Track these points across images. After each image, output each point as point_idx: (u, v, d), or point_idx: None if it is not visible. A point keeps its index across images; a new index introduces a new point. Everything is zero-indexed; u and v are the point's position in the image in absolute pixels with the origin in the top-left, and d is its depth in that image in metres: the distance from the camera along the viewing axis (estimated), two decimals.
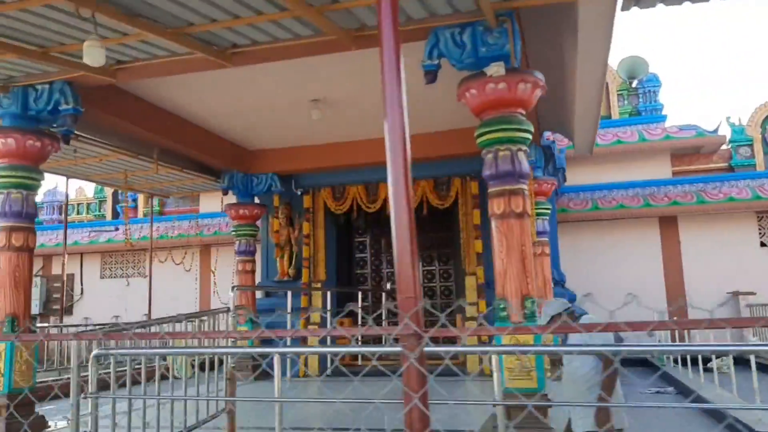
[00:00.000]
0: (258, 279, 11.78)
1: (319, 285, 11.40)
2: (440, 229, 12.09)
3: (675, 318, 9.00)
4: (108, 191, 17.04)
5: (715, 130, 12.81)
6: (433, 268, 12.16)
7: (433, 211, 11.30)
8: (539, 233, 9.89)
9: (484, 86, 5.11)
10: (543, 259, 9.81)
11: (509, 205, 5.07)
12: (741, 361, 8.08)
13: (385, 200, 11.19)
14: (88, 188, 17.58)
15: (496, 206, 5.13)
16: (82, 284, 16.15)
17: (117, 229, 15.56)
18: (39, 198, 16.58)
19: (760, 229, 12.24)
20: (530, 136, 5.22)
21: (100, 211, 17.32)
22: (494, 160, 5.15)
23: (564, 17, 5.40)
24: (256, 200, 11.45)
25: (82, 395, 3.51)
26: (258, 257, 11.43)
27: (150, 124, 8.47)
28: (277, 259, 11.86)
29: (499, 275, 5.10)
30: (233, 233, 11.31)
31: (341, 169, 11.14)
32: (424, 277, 12.22)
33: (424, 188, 11.03)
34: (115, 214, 16.70)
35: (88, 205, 17.40)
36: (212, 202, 14.89)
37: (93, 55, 4.73)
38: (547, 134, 10.74)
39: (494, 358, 5.04)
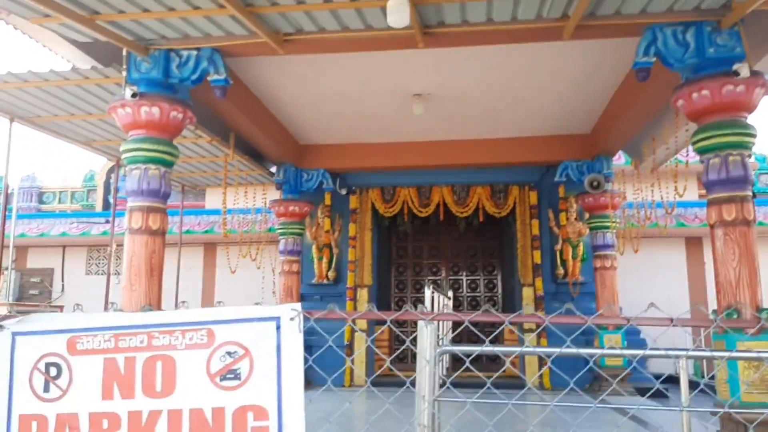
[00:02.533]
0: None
1: (365, 290, 10.90)
2: (486, 238, 11.89)
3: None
4: (99, 180, 15.64)
5: None
6: (478, 277, 11.93)
7: (473, 219, 11.15)
8: (607, 246, 9.88)
9: (720, 88, 4.97)
10: (612, 273, 9.79)
11: (741, 212, 4.94)
12: None
13: (438, 205, 10.91)
14: (75, 176, 16.07)
15: (725, 213, 4.98)
16: (63, 280, 14.66)
17: (107, 222, 14.26)
18: (13, 183, 15.02)
19: None
20: (755, 142, 5.13)
21: (87, 200, 15.85)
22: (723, 164, 5.01)
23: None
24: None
25: None
26: None
27: (241, 104, 7.78)
28: (315, 260, 11.24)
29: (729, 284, 4.94)
30: (279, 231, 10.62)
31: (393, 170, 10.76)
32: (468, 287, 11.95)
33: (480, 195, 10.82)
34: (106, 205, 15.32)
35: (73, 194, 15.89)
36: (218, 198, 13.95)
37: (399, 14, 4.18)
38: None
39: (723, 370, 4.87)
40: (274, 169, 10.45)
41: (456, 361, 10.65)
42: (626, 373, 9.34)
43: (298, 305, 2.12)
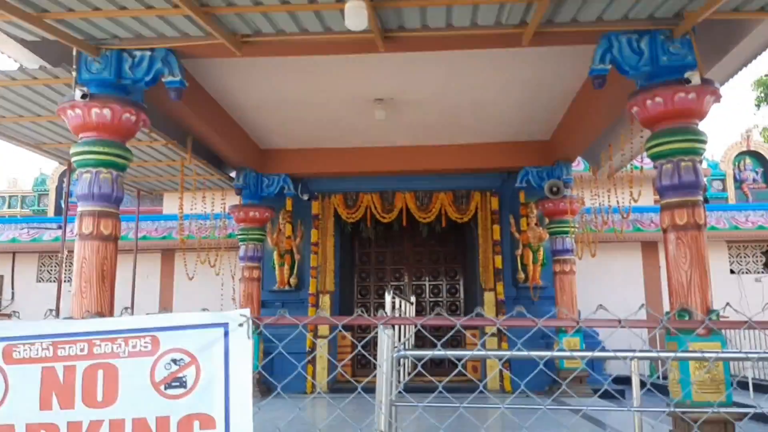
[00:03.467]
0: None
1: (327, 296, 10.81)
2: (449, 243, 11.92)
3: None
4: (51, 184, 15.13)
5: None
6: (440, 282, 11.94)
7: (436, 225, 11.17)
8: (566, 251, 10.01)
9: (673, 95, 5.08)
10: (571, 278, 9.92)
11: (692, 217, 5.04)
12: None
13: (401, 211, 10.90)
14: (24, 180, 15.54)
15: (677, 217, 5.08)
16: (13, 287, 14.13)
17: (60, 227, 13.81)
18: None
19: (729, 257, 13.32)
20: (706, 148, 5.26)
21: (39, 205, 15.33)
22: (675, 170, 5.12)
23: (723, 34, 5.53)
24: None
25: None
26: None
27: (198, 108, 7.63)
28: (276, 267, 11.10)
29: (681, 287, 5.04)
30: (239, 237, 10.45)
31: (356, 176, 10.72)
32: (430, 292, 11.95)
33: (443, 201, 10.85)
34: (58, 210, 14.83)
35: (23, 198, 15.34)
36: (176, 203, 13.66)
37: (357, 17, 4.12)
38: None
39: (675, 370, 4.96)
40: (234, 174, 10.28)
41: (415, 366, 10.62)
42: (584, 374, 9.48)
43: (246, 311, 2.05)
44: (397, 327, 8.64)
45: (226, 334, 2.00)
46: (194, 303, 11.81)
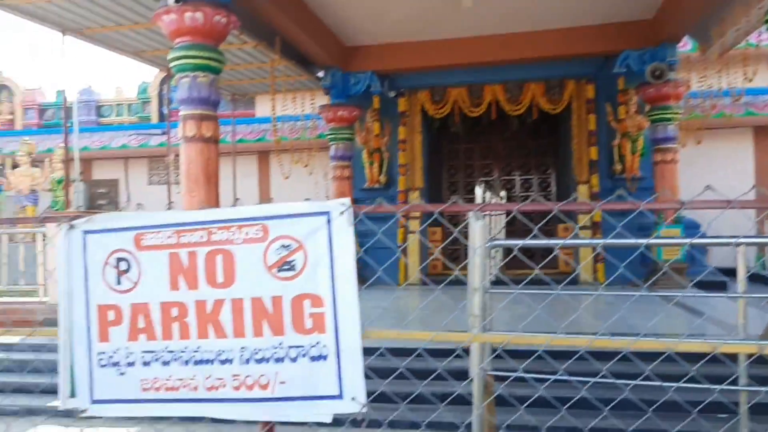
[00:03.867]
0: None
1: (416, 193, 10.96)
2: (540, 136, 11.61)
3: None
4: (152, 91, 15.87)
5: None
6: (531, 177, 11.77)
7: (527, 117, 10.82)
8: (668, 139, 9.48)
9: None
10: (673, 167, 9.46)
11: None
12: None
13: (490, 104, 10.63)
14: (129, 88, 16.36)
15: None
16: (128, 190, 15.31)
17: (164, 133, 14.59)
18: (71, 97, 15.42)
19: None
20: None
21: (144, 112, 16.19)
22: None
23: None
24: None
25: None
26: None
27: (284, 5, 7.60)
28: (366, 165, 11.28)
29: None
30: (329, 136, 10.65)
31: (443, 70, 10.45)
32: (521, 187, 11.83)
33: (534, 91, 10.45)
34: (161, 116, 15.63)
35: (129, 106, 16.24)
36: (268, 106, 13.97)
37: None
38: None
39: None
40: (321, 74, 10.33)
41: (510, 260, 10.74)
42: (683, 266, 9.25)
43: (347, 200, 2.17)
44: (490, 220, 8.70)
45: (329, 221, 2.13)
46: (290, 201, 12.33)
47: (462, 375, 3.29)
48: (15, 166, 12.42)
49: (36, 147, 13.04)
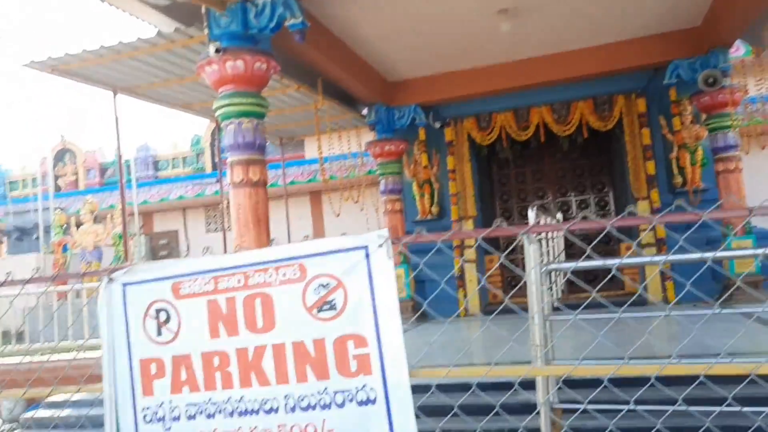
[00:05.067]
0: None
1: (470, 221, 10.80)
2: (592, 155, 11.31)
3: None
4: (205, 142, 16.43)
5: None
6: (587, 196, 11.44)
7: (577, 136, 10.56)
8: (729, 147, 9.05)
9: None
10: (737, 176, 9.00)
11: None
12: None
13: (537, 126, 10.45)
14: (183, 141, 16.99)
15: None
16: (187, 239, 15.73)
17: (218, 181, 14.99)
18: (129, 154, 16.10)
19: None
20: None
21: (198, 163, 16.76)
22: None
23: None
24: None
25: None
26: None
27: (324, 47, 7.73)
28: (417, 197, 11.22)
29: None
30: (378, 171, 10.67)
31: (486, 96, 10.36)
32: (578, 208, 11.51)
33: (582, 110, 10.21)
34: (215, 165, 16.12)
35: (184, 158, 16.85)
36: (315, 146, 14.18)
37: None
38: None
39: None
40: (365, 112, 10.42)
41: (571, 284, 10.39)
42: (759, 279, 8.70)
43: (385, 231, 2.08)
44: (544, 245, 8.46)
45: (367, 255, 2.05)
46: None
47: (523, 409, 3.11)
48: (79, 224, 12.95)
49: (98, 205, 13.61)
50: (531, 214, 5.40)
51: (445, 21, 7.82)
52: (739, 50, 11.19)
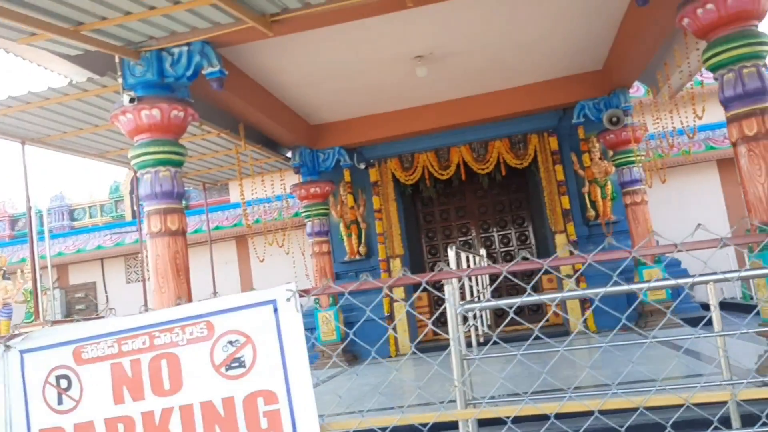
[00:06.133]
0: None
1: (397, 260, 10.91)
2: (512, 191, 11.73)
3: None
4: (124, 190, 15.90)
5: None
6: (509, 231, 11.80)
7: (495, 174, 10.96)
8: (635, 181, 9.62)
9: None
10: (644, 208, 9.55)
11: (763, 125, 4.72)
12: None
13: (458, 165, 10.78)
14: (101, 189, 16.39)
15: (746, 128, 4.77)
16: (106, 291, 15.05)
17: (137, 230, 14.52)
18: (43, 204, 15.37)
19: None
20: None
21: (116, 211, 16.16)
22: (737, 78, 4.78)
23: None
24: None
25: None
26: None
27: (244, 94, 7.75)
28: (344, 238, 11.27)
29: (758, 201, 4.76)
30: (304, 214, 10.65)
31: (409, 137, 10.64)
32: (500, 242, 11.84)
33: (500, 148, 10.65)
34: (135, 214, 15.58)
35: (102, 206, 16.20)
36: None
37: None
38: None
39: (762, 289, 4.73)
40: (290, 155, 10.45)
41: (498, 317, 10.62)
42: (670, 305, 9.18)
43: (292, 285, 2.10)
44: (475, 280, 8.63)
45: (276, 310, 2.06)
46: (272, 283, 12.20)
47: None
48: None
49: (7, 259, 12.86)
50: (451, 253, 5.53)
51: (363, 67, 8.02)
52: (639, 90, 12.02)
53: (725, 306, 10.74)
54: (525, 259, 2.75)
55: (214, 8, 5.17)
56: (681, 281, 2.38)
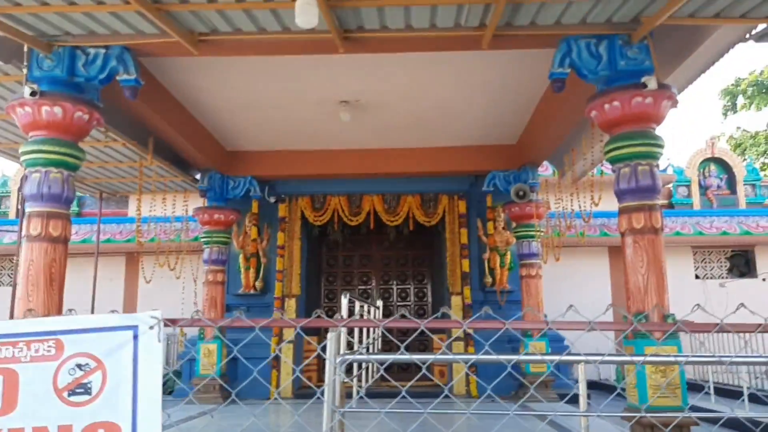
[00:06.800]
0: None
1: (293, 300, 10.70)
2: (417, 247, 11.91)
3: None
4: (14, 186, 14.74)
5: (665, 170, 14.03)
6: (408, 286, 11.90)
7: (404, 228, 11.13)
8: (532, 255, 10.02)
9: (630, 99, 5.10)
10: (537, 282, 9.94)
11: (649, 220, 5.06)
12: None
13: (369, 214, 10.84)
14: None
15: (635, 221, 5.09)
16: None
17: (19, 231, 13.48)
18: None
19: (695, 263, 13.50)
20: (662, 153, 5.29)
21: (1, 207, 14.93)
22: (633, 174, 5.14)
23: (681, 40, 5.58)
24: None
25: None
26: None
27: (160, 108, 7.49)
28: (242, 270, 10.95)
29: (638, 290, 5.05)
30: (203, 239, 10.26)
31: (323, 179, 10.65)
32: (398, 296, 11.91)
33: (411, 204, 10.84)
34: (17, 213, 14.44)
35: None
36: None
37: (307, 14, 4.03)
38: None
39: (632, 375, 4.97)
40: (198, 176, 10.13)
41: (387, 370, 10.55)
42: (550, 379, 9.50)
43: (158, 312, 1.96)
44: (364, 331, 8.58)
45: (136, 337, 1.91)
46: (156, 306, 11.57)
47: None
48: None
49: None
50: (344, 301, 5.47)
51: (288, 102, 7.99)
52: (547, 170, 12.68)
53: (603, 386, 11.25)
54: (403, 316, 2.73)
55: (140, 16, 5.01)
56: (547, 358, 2.47)
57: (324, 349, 3.28)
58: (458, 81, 7.31)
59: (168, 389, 10.36)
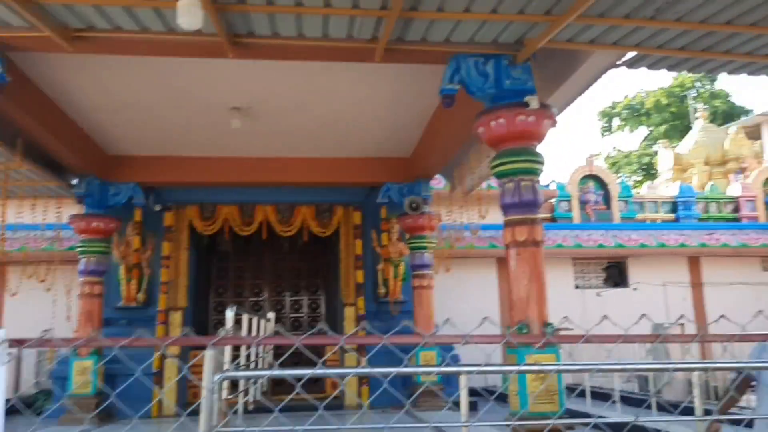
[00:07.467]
0: None
1: (178, 313, 10.21)
2: (310, 258, 11.77)
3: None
4: None
5: (548, 185, 14.77)
6: (301, 298, 11.71)
7: (298, 239, 11.00)
8: (424, 266, 10.19)
9: (514, 117, 5.29)
10: (429, 292, 10.10)
11: (531, 234, 5.26)
12: None
13: (261, 224, 10.60)
14: None
15: (518, 234, 5.27)
16: None
17: None
18: None
19: (575, 274, 14.31)
20: (543, 169, 5.53)
21: None
22: (516, 189, 5.32)
23: (561, 63, 5.89)
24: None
25: None
26: None
27: (30, 107, 6.91)
28: (123, 282, 10.33)
29: (520, 301, 5.22)
30: (79, 249, 9.55)
31: (213, 187, 10.28)
32: (291, 308, 11.68)
33: (305, 214, 10.71)
34: None
35: None
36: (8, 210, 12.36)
37: (191, 15, 3.77)
38: None
39: (514, 382, 5.13)
40: (75, 182, 9.44)
41: (277, 384, 10.31)
42: (440, 387, 9.67)
43: (2, 332, 1.75)
44: (254, 346, 8.32)
45: None
46: (24, 322, 10.66)
47: None
48: None
49: None
50: (228, 314, 5.27)
51: (174, 105, 7.64)
52: (440, 183, 12.99)
53: (492, 392, 11.61)
54: (277, 333, 2.66)
55: (6, 8, 4.58)
56: (429, 369, 2.46)
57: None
58: (353, 92, 7.30)
59: (37, 410, 9.56)
